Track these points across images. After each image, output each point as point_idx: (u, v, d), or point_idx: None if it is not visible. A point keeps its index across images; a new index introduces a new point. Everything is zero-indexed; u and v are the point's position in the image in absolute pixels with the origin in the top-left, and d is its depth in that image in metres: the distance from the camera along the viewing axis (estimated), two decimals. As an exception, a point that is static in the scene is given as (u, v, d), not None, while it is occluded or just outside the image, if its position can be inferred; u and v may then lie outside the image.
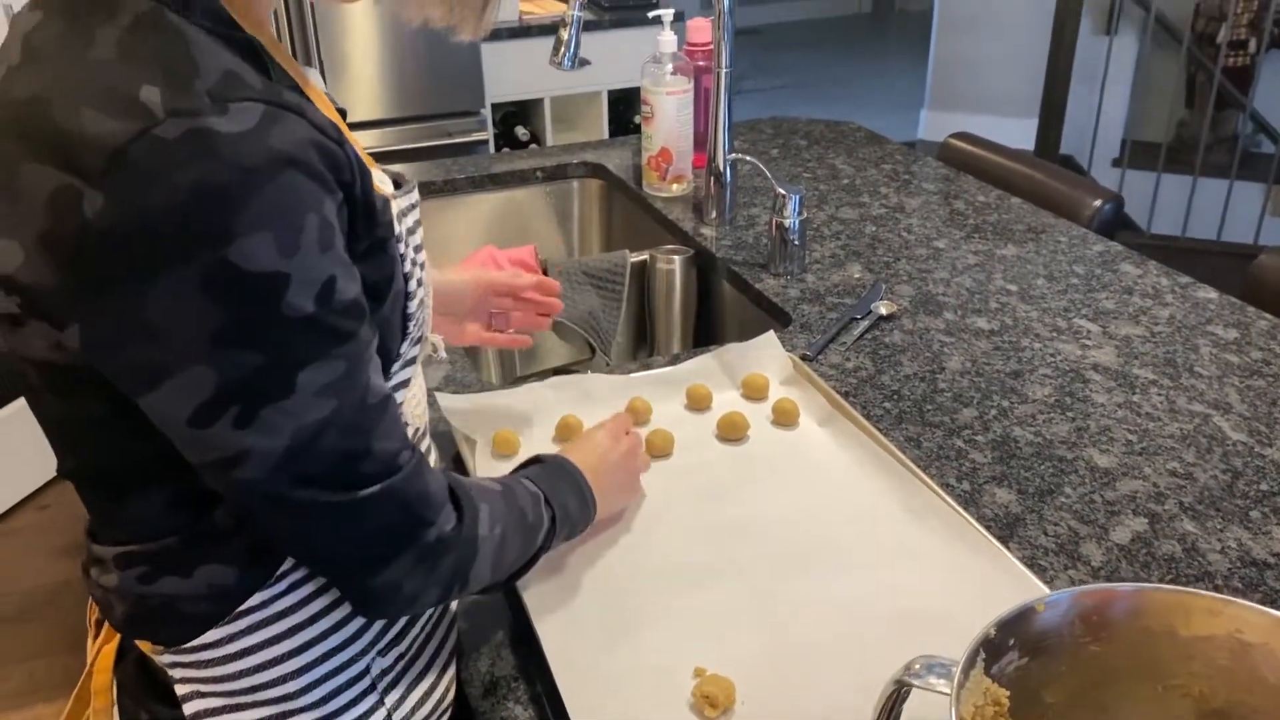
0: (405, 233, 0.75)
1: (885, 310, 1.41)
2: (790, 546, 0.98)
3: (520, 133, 3.50)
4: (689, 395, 1.22)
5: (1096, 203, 1.81)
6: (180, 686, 0.76)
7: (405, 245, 0.74)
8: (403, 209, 0.76)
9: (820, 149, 2.06)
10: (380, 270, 0.70)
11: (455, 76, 3.27)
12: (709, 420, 1.18)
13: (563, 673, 0.83)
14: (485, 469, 1.08)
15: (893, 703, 0.68)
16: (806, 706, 0.81)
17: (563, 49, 1.51)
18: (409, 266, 0.74)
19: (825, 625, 0.88)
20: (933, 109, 5.08)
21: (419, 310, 0.77)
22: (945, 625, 0.87)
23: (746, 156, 1.59)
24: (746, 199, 1.80)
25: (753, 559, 0.96)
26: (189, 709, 0.76)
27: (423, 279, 0.78)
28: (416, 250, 0.77)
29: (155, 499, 0.71)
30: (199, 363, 0.60)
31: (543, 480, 0.88)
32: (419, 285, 0.76)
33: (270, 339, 0.61)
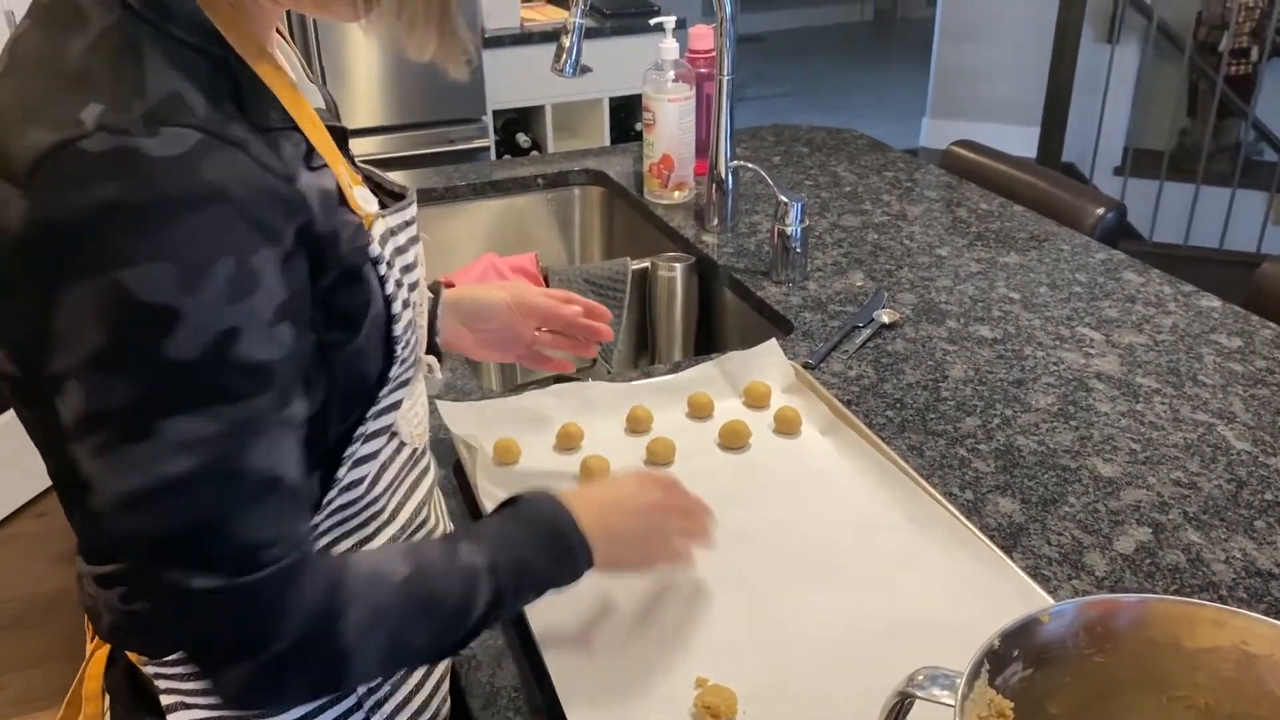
0: (393, 253, 0.72)
1: (887, 318, 1.40)
2: (792, 556, 0.97)
3: (521, 140, 3.50)
4: (690, 403, 1.21)
5: (1099, 211, 1.80)
6: (165, 697, 0.76)
7: (389, 266, 0.71)
8: (391, 227, 0.73)
9: (822, 156, 2.06)
10: (354, 297, 0.68)
11: (457, 83, 3.22)
12: (711, 429, 1.18)
13: (564, 683, 0.83)
14: (486, 477, 1.08)
15: (896, 714, 0.68)
16: (809, 717, 0.80)
17: (564, 56, 1.52)
18: (392, 288, 0.71)
19: (828, 635, 0.88)
20: (934, 117, 5.09)
21: (407, 332, 0.74)
22: (948, 636, 0.86)
23: (748, 164, 1.59)
24: (748, 206, 1.79)
25: (754, 568, 0.96)
26: None
27: (411, 300, 0.75)
28: (405, 270, 0.74)
29: None
30: (76, 380, 0.58)
31: (499, 540, 0.76)
32: (405, 306, 0.73)
33: (144, 374, 0.58)
